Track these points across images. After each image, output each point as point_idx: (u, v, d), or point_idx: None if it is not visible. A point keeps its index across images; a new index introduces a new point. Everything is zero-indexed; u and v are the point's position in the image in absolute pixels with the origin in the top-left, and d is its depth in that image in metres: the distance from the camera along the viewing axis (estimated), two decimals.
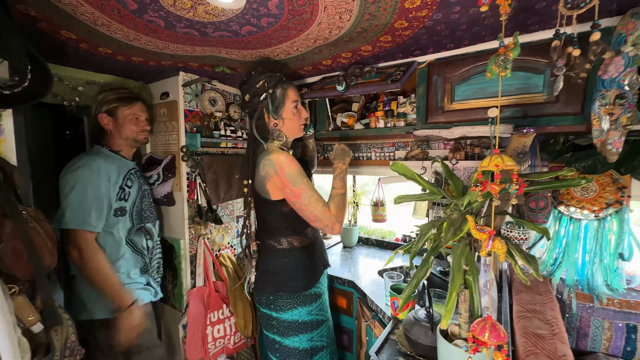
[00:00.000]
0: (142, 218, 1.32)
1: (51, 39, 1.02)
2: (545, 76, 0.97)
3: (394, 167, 0.79)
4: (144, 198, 1.35)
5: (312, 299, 1.15)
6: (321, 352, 1.17)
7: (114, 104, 1.26)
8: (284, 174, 1.05)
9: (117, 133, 1.29)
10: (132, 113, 1.29)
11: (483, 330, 0.60)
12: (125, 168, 1.28)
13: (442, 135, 1.19)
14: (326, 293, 1.27)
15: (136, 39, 1.02)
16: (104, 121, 1.26)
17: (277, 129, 1.17)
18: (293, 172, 1.05)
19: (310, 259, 1.17)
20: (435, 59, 1.18)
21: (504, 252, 0.57)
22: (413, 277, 0.72)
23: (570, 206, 1.24)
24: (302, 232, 1.17)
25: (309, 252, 1.17)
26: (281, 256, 1.13)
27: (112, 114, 1.27)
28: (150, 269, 1.35)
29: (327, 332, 1.20)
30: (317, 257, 1.21)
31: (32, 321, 0.69)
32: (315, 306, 1.16)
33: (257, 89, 1.12)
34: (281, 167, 1.05)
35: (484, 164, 0.58)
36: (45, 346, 0.72)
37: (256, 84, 1.12)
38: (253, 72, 1.14)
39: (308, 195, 1.05)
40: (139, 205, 1.31)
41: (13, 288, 0.67)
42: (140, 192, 1.33)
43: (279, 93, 1.14)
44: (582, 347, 1.22)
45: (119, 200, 1.22)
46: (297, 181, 1.05)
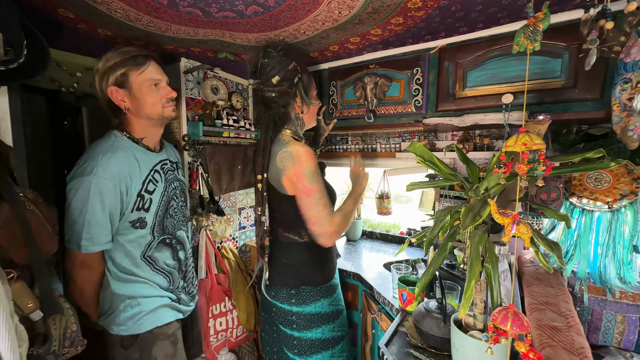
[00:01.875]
0: (167, 228, 1.04)
1: (48, 19, 0.97)
2: (563, 60, 0.94)
3: (411, 147, 0.75)
4: (173, 200, 1.06)
5: (333, 290, 1.15)
6: (342, 342, 1.16)
7: (122, 68, 0.92)
8: (302, 168, 0.99)
9: (137, 111, 0.97)
10: (149, 77, 0.96)
11: (505, 319, 0.57)
12: (148, 164, 1.00)
13: (452, 124, 1.15)
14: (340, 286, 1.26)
15: (137, 19, 0.98)
16: (118, 97, 0.93)
17: (300, 116, 1.12)
18: (311, 168, 0.99)
19: (329, 251, 1.15)
20: (447, 44, 1.14)
21: (529, 237, 0.54)
22: (429, 265, 0.69)
23: (583, 197, 1.21)
24: None
25: (321, 248, 1.12)
26: (304, 249, 1.09)
27: (123, 85, 0.93)
28: (180, 284, 1.09)
29: (345, 321, 1.21)
30: (333, 248, 1.19)
31: (31, 308, 0.66)
32: (335, 297, 1.16)
33: (290, 71, 1.05)
34: (300, 161, 0.98)
35: (510, 143, 0.55)
36: (44, 336, 0.69)
37: (287, 65, 1.04)
38: (280, 52, 1.05)
39: (319, 197, 1.00)
40: (162, 213, 1.02)
41: (11, 273, 0.64)
42: (167, 194, 1.04)
43: (306, 77, 1.09)
44: (593, 341, 1.19)
45: (136, 211, 0.95)
46: (313, 178, 0.99)
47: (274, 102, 1.08)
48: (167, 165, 1.08)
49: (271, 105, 1.09)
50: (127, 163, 0.92)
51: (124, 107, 0.95)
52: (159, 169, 1.03)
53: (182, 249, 1.09)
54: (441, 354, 0.85)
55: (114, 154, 0.90)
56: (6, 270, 0.65)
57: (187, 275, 1.13)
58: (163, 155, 1.08)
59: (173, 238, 1.06)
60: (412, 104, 1.25)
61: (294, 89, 1.07)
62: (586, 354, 0.76)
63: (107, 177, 0.87)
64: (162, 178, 1.03)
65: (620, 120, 0.84)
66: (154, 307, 0.99)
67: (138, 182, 0.95)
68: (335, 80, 1.46)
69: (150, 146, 1.04)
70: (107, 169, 0.87)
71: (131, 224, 0.94)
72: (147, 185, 0.97)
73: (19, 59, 0.69)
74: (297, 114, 1.11)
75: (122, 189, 0.90)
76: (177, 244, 1.08)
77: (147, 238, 0.98)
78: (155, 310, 1.00)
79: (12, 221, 0.64)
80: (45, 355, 0.67)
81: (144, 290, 0.99)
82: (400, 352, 0.87)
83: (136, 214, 0.95)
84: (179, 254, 1.08)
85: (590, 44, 0.59)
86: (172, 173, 1.10)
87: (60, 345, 0.69)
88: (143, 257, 0.98)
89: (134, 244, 0.97)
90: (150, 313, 0.99)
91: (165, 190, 1.03)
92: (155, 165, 1.02)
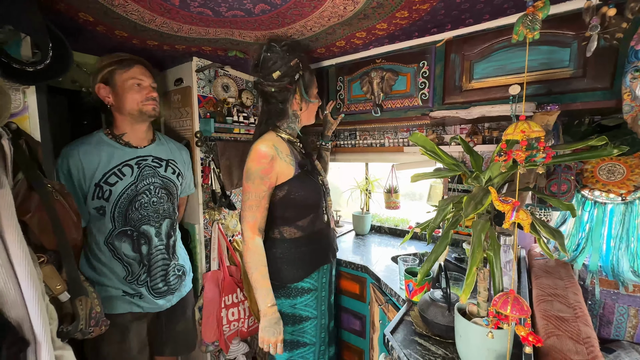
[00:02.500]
0: (130, 220, 1.10)
1: (70, 23, 1.03)
2: (572, 50, 0.93)
3: (412, 137, 0.77)
4: (142, 195, 1.12)
5: (298, 293, 1.10)
6: (303, 348, 1.13)
7: (109, 68, 1.07)
8: (247, 164, 1.02)
9: (118, 106, 1.09)
10: (131, 76, 1.08)
11: (505, 303, 0.58)
12: (118, 159, 1.09)
13: (459, 116, 1.15)
14: (323, 291, 1.18)
15: (151, 20, 1.03)
16: (102, 93, 1.07)
17: (298, 112, 1.12)
18: (251, 167, 1.01)
19: (301, 252, 1.10)
20: (454, 36, 1.14)
21: (529, 223, 0.55)
22: (431, 252, 0.70)
23: (595, 190, 1.19)
24: (294, 224, 1.10)
25: (299, 245, 1.11)
26: (271, 245, 1.09)
27: (108, 83, 1.07)
28: (142, 277, 1.13)
29: (312, 329, 1.13)
30: (312, 250, 1.13)
31: (59, 290, 0.72)
32: (301, 301, 1.10)
33: (291, 68, 1.05)
34: (249, 157, 1.02)
35: (509, 131, 0.56)
36: (71, 316, 0.75)
37: (289, 61, 1.04)
38: (284, 47, 1.05)
39: (246, 197, 1.02)
40: (125, 205, 1.09)
41: (42, 257, 0.70)
42: (134, 188, 1.11)
43: (307, 75, 1.09)
44: (605, 334, 1.17)
45: (96, 199, 1.05)
46: (248, 177, 1.02)
47: (273, 97, 1.08)
48: (147, 161, 1.15)
49: (270, 100, 1.09)
50: (95, 152, 1.06)
51: (108, 103, 1.09)
52: (133, 164, 1.12)
53: (145, 244, 1.13)
54: (445, 341, 0.86)
55: (81, 144, 1.06)
56: (37, 254, 0.71)
57: (153, 271, 1.15)
58: (146, 152, 1.17)
59: (135, 231, 1.11)
60: (419, 98, 1.26)
61: (294, 86, 1.07)
62: (592, 344, 0.76)
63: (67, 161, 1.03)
64: (132, 172, 1.11)
65: (631, 109, 0.83)
66: (104, 296, 1.08)
67: (98, 174, 1.06)
68: (342, 76, 1.48)
69: (130, 142, 1.14)
70: (66, 153, 1.04)
71: (95, 210, 1.06)
72: (107, 178, 1.07)
73: (45, 61, 0.75)
74: (295, 111, 1.12)
75: (85, 172, 1.04)
76: (141, 237, 1.12)
77: (108, 225, 1.08)
78: (107, 299, 1.09)
79: (41, 209, 0.70)
80: (73, 333, 0.73)
81: (103, 279, 1.09)
82: (406, 340, 0.89)
83: (97, 202, 1.06)
84: (141, 248, 1.12)
85: (591, 30, 0.59)
86: (152, 169, 1.16)
87: (87, 324, 0.75)
88: (105, 243, 1.08)
89: (98, 229, 1.08)
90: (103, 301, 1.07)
91: (132, 184, 1.10)
92: (128, 160, 1.11)
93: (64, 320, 0.74)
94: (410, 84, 1.28)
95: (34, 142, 0.74)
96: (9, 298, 0.61)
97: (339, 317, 1.57)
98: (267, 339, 0.98)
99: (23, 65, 0.72)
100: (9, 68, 0.69)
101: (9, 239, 0.62)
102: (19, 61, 0.72)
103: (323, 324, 1.17)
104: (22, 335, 0.62)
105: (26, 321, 0.63)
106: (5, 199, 0.62)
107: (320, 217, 1.16)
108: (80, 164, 1.04)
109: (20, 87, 0.74)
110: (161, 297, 1.19)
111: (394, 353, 0.84)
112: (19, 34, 0.72)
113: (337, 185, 2.54)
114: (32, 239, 0.69)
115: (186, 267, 1.33)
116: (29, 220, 0.67)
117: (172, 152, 1.28)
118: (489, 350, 0.69)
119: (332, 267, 1.26)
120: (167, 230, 1.21)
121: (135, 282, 1.13)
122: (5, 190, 0.63)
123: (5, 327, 0.60)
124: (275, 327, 0.99)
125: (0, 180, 0.62)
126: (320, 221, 1.17)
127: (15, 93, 0.72)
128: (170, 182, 1.23)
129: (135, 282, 1.13)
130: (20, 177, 0.69)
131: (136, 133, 1.16)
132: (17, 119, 0.74)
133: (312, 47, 1.33)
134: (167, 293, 1.21)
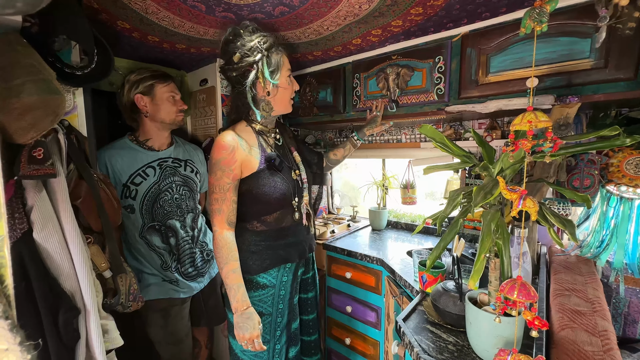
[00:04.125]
0: (156, 216, 1.23)
1: (109, 30, 1.14)
2: (593, 40, 0.91)
3: (422, 129, 0.79)
4: (166, 193, 1.24)
5: (253, 287, 1.06)
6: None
7: (150, 81, 1.21)
8: (211, 154, 0.99)
9: (153, 115, 1.23)
10: (169, 91, 1.25)
11: (512, 289, 0.60)
12: (142, 161, 1.22)
13: (475, 110, 1.15)
14: (282, 289, 1.11)
15: (180, 25, 1.12)
16: (142, 103, 1.20)
17: (267, 98, 1.04)
18: (214, 158, 0.97)
19: (261, 247, 1.07)
20: (470, 30, 1.14)
21: (536, 211, 0.56)
22: (440, 240, 0.73)
23: (622, 185, 1.15)
24: (258, 218, 1.07)
25: (260, 240, 1.07)
26: (237, 234, 1.05)
27: (148, 94, 1.20)
28: (173, 265, 1.27)
29: (266, 326, 1.07)
30: (274, 247, 1.08)
31: (103, 267, 0.81)
32: (255, 295, 1.06)
33: (251, 48, 0.97)
34: (215, 148, 0.98)
35: (516, 121, 0.58)
36: (113, 290, 0.85)
37: (249, 41, 0.97)
38: (243, 29, 1.00)
39: (211, 190, 0.99)
40: (150, 203, 1.21)
41: (89, 238, 0.80)
42: (157, 187, 1.22)
43: (274, 57, 1.01)
44: (631, 334, 1.14)
45: (124, 198, 1.19)
46: (211, 169, 0.98)
47: (238, 83, 1.02)
48: (167, 162, 1.29)
49: (236, 86, 1.04)
50: (121, 157, 1.19)
51: (145, 111, 1.22)
52: (155, 165, 1.24)
53: (173, 236, 1.27)
54: (457, 330, 0.88)
55: (106, 152, 1.19)
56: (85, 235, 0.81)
57: (182, 259, 1.29)
58: (167, 154, 1.30)
59: (162, 225, 1.25)
60: (435, 93, 1.27)
61: (254, 68, 0.99)
62: (609, 337, 0.75)
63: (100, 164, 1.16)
64: (155, 173, 1.24)
65: None
66: (147, 284, 1.23)
67: (125, 175, 1.19)
68: (359, 73, 1.51)
69: (153, 146, 1.28)
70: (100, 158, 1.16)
71: (124, 208, 1.19)
72: (133, 178, 1.20)
73: (91, 65, 0.85)
74: (263, 97, 1.04)
75: (115, 176, 1.18)
76: (168, 231, 1.26)
77: (139, 221, 1.21)
78: (147, 286, 1.23)
79: (89, 196, 0.79)
80: (115, 306, 0.83)
81: (144, 268, 1.23)
82: (418, 327, 0.92)
83: (126, 201, 1.19)
84: (169, 240, 1.26)
85: (600, 21, 0.59)
86: (172, 169, 1.29)
87: (126, 298, 0.85)
88: (140, 236, 1.22)
89: (133, 224, 1.21)
90: (145, 288, 1.22)
91: (156, 183, 1.23)
92: (151, 162, 1.24)
93: (107, 294, 0.84)
94: (426, 79, 1.29)
95: (82, 137, 0.85)
96: (64, 271, 0.71)
97: (355, 309, 1.60)
98: (242, 336, 0.94)
99: (73, 70, 0.82)
100: (62, 72, 0.79)
101: (64, 220, 0.72)
102: (70, 66, 0.82)
103: (279, 322, 1.10)
104: (75, 303, 0.72)
105: (77, 292, 0.73)
106: (61, 186, 0.72)
107: (289, 214, 1.11)
108: (108, 167, 1.18)
109: (71, 89, 0.84)
110: (193, 280, 1.33)
111: (405, 339, 0.88)
112: (70, 42, 0.82)
113: (354, 181, 2.58)
114: (81, 221, 0.79)
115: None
116: (80, 205, 0.77)
117: (189, 153, 1.41)
118: (498, 337, 0.71)
119: (299, 266, 1.17)
120: (190, 223, 1.34)
121: (169, 269, 1.27)
122: (61, 178, 0.73)
123: (62, 296, 0.70)
124: (247, 323, 0.94)
125: (58, 169, 0.71)
126: (290, 218, 1.11)
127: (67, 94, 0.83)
128: (190, 180, 1.36)
129: (169, 270, 1.27)
130: (72, 167, 0.80)
131: (160, 138, 1.30)
132: (68, 117, 0.85)
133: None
134: (198, 276, 1.35)
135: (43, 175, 0.68)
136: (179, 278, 1.28)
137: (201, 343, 1.59)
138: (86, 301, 0.74)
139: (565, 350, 0.72)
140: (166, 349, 1.27)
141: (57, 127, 0.75)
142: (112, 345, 0.80)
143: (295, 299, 1.21)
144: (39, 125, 0.64)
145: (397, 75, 1.34)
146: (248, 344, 0.96)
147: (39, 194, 0.69)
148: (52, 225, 0.70)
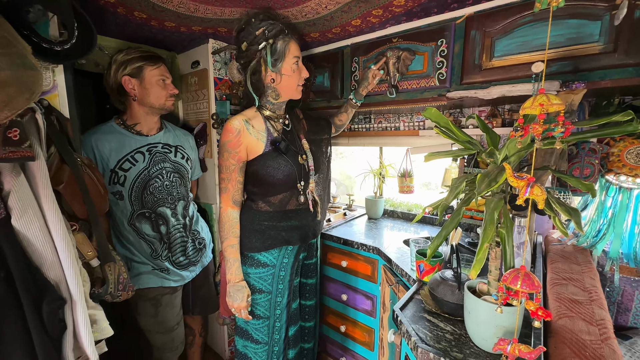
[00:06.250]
0: (146, 203, 1.19)
1: (91, 4, 1.07)
2: (603, 22, 0.87)
3: (426, 113, 0.76)
4: (155, 179, 1.19)
5: (253, 264, 1.13)
6: (256, 321, 1.15)
7: (139, 62, 1.13)
8: (220, 137, 1.06)
9: (142, 99, 1.16)
10: (159, 74, 1.17)
11: (515, 279, 0.58)
12: (131, 146, 1.16)
13: (477, 96, 1.12)
14: (282, 270, 1.16)
15: (169, 0, 1.04)
16: (129, 85, 1.13)
17: (273, 85, 1.08)
18: (221, 141, 1.05)
19: (264, 226, 1.12)
20: (475, 12, 1.09)
21: (544, 199, 0.54)
22: (442, 229, 0.71)
23: (621, 174, 1.14)
24: (264, 198, 1.13)
25: (264, 219, 1.12)
26: (242, 212, 1.13)
27: (136, 76, 1.13)
28: (164, 254, 1.24)
29: (265, 303, 1.14)
30: (277, 227, 1.13)
31: (90, 256, 0.78)
32: (255, 272, 1.13)
33: (257, 37, 1.01)
34: (223, 131, 1.05)
35: (527, 105, 0.54)
36: (101, 280, 0.82)
37: (255, 30, 1.02)
38: (253, 19, 1.03)
39: (220, 171, 1.07)
40: (139, 189, 1.17)
41: (74, 225, 0.76)
42: (147, 173, 1.18)
43: (280, 45, 1.03)
44: (622, 322, 1.15)
45: (113, 184, 1.14)
46: (219, 150, 1.07)
47: (248, 70, 1.06)
48: (157, 148, 1.23)
49: (247, 73, 1.07)
50: (109, 141, 1.13)
51: (133, 95, 1.15)
52: (144, 151, 1.19)
53: (164, 224, 1.23)
54: (454, 319, 0.88)
55: (92, 136, 1.13)
56: (70, 222, 0.77)
57: (173, 248, 1.26)
58: (156, 139, 1.24)
59: (152, 213, 1.20)
60: (436, 77, 1.22)
61: (258, 56, 1.03)
62: (606, 325, 0.75)
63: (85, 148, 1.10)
64: (145, 158, 1.18)
65: None
66: (137, 273, 1.20)
67: (112, 161, 1.13)
68: (358, 56, 1.46)
69: (142, 131, 1.22)
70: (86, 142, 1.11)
71: (112, 195, 1.14)
72: (122, 164, 1.14)
73: (71, 40, 0.78)
74: (269, 84, 1.08)
75: (102, 161, 1.13)
76: (159, 219, 1.22)
77: (128, 208, 1.17)
78: (137, 275, 1.20)
79: (72, 181, 0.75)
80: (103, 295, 0.79)
81: (133, 256, 1.20)
82: (415, 316, 0.91)
83: (114, 187, 1.14)
84: (159, 228, 1.22)
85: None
86: (162, 155, 1.24)
87: (115, 287, 0.81)
88: (129, 224, 1.18)
89: (121, 212, 1.17)
90: (135, 277, 1.19)
91: (145, 169, 1.18)
92: (140, 147, 1.18)
93: (95, 283, 0.80)
94: (428, 63, 1.24)
95: (64, 119, 0.79)
96: (47, 259, 0.67)
97: (351, 297, 1.60)
98: (231, 304, 1.07)
99: (52, 45, 0.76)
100: (39, 47, 0.73)
101: (45, 207, 0.67)
102: (48, 40, 0.75)
103: (279, 301, 1.16)
104: (60, 293, 0.69)
105: (62, 281, 0.70)
106: (41, 170, 0.68)
107: (295, 198, 1.16)
108: (95, 152, 1.12)
109: (50, 66, 0.78)
110: (184, 269, 1.30)
111: (402, 328, 0.87)
112: (47, 14, 0.76)
113: (350, 171, 2.54)
114: (65, 208, 0.75)
115: (207, 239, 1.44)
116: (62, 190, 0.72)
117: (179, 139, 1.35)
118: (497, 326, 0.70)
119: (300, 250, 1.22)
120: (182, 211, 1.30)
121: (159, 258, 1.24)
122: (40, 162, 0.68)
123: (46, 285, 0.66)
124: (238, 294, 1.06)
125: (36, 152, 0.66)
126: (296, 201, 1.16)
127: (45, 71, 0.77)
128: (181, 166, 1.30)
129: (159, 258, 1.24)
130: (53, 150, 0.75)
131: (148, 123, 1.24)
132: (48, 96, 0.79)
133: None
134: (189, 265, 1.32)
135: (20, 158, 0.63)
136: (170, 267, 1.26)
137: (195, 331, 1.58)
138: (72, 291, 0.70)
139: (563, 339, 0.72)
140: (157, 337, 1.26)
141: (34, 107, 0.70)
142: (101, 335, 0.78)
143: (296, 282, 1.27)
144: (12, 103, 0.59)
145: (398, 59, 1.29)
146: (236, 312, 1.08)
147: (17, 178, 0.65)
148: (33, 211, 0.66)
